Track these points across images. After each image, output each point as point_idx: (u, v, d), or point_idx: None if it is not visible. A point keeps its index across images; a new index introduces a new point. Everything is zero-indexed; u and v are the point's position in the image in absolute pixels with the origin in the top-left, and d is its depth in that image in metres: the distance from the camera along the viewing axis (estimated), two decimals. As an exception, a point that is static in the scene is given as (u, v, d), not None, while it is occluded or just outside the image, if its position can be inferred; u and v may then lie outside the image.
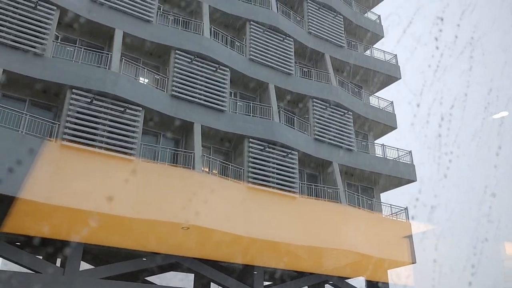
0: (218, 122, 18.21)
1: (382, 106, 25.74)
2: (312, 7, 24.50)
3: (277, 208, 17.75)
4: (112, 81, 15.87)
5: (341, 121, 22.07)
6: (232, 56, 19.99)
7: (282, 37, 21.99)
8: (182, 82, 17.87)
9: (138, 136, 15.74)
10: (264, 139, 18.74)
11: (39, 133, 14.48)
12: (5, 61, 14.37)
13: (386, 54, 27.22)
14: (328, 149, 21.04)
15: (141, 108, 16.17)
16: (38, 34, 15.22)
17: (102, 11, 17.18)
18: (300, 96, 21.85)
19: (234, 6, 21.41)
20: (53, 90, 15.44)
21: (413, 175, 23.40)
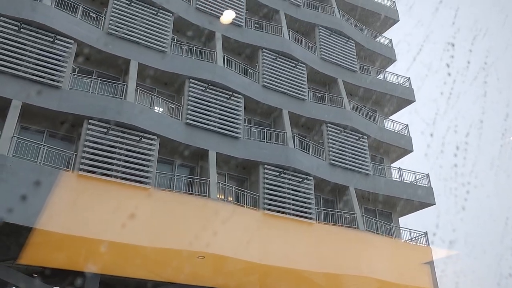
0: (233, 149, 18.25)
1: (397, 129, 25.56)
2: (324, 33, 24.73)
3: (293, 235, 17.53)
4: (128, 111, 16.10)
5: (356, 145, 21.94)
6: (245, 83, 20.18)
7: (295, 63, 22.17)
8: (196, 110, 18.05)
9: (154, 165, 15.84)
10: (279, 165, 18.69)
11: (57, 163, 14.67)
12: (24, 94, 14.71)
13: (399, 77, 27.19)
14: (344, 174, 20.87)
15: (156, 136, 16.32)
16: (56, 67, 15.61)
17: (118, 43, 17.58)
18: (314, 121, 21.85)
19: (246, 35, 21.74)
20: (70, 121, 15.69)
21: (432, 198, 23.00)
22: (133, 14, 18.37)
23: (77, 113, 15.40)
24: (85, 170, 14.49)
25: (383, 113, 26.68)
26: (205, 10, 20.71)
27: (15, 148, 14.22)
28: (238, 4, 22.00)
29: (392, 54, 27.89)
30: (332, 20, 25.37)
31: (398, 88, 26.42)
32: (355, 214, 19.83)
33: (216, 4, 21.18)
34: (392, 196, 22.14)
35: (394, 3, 29.91)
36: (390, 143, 24.26)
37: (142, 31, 18.22)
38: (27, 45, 15.39)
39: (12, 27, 15.32)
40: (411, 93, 26.64)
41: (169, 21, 19.21)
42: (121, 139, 15.55)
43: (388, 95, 25.89)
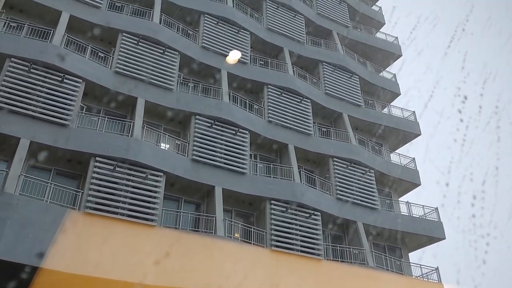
0: (239, 185, 18.18)
1: (404, 163, 25.44)
2: (328, 69, 25.04)
3: (301, 273, 17.20)
4: (134, 148, 16.19)
5: (363, 180, 21.79)
6: (251, 119, 20.31)
7: (300, 99, 22.36)
8: (202, 146, 18.11)
9: (160, 202, 15.77)
10: (286, 200, 18.55)
11: (63, 201, 14.65)
12: (32, 133, 14.86)
13: (404, 111, 27.30)
14: (352, 209, 20.65)
15: (162, 173, 16.32)
16: (64, 106, 15.83)
17: (125, 82, 17.86)
18: (320, 155, 21.83)
19: (251, 71, 22.06)
20: (77, 159, 15.78)
21: (442, 233, 22.60)
22: (140, 53, 18.74)
23: (84, 151, 15.50)
24: (92, 208, 14.45)
25: (389, 146, 26.65)
26: (210, 48, 21.10)
27: (22, 187, 14.25)
28: (243, 42, 22.43)
29: (396, 88, 28.10)
30: (336, 56, 25.75)
31: (403, 122, 26.49)
32: (364, 250, 19.50)
33: (221, 42, 21.61)
34: (401, 230, 21.80)
35: (397, 38, 30.40)
36: (397, 177, 24.08)
37: (149, 69, 18.54)
38: (37, 84, 15.67)
39: (22, 67, 15.65)
40: (416, 127, 26.66)
41: (176, 59, 19.57)
42: (127, 176, 15.56)
43: (394, 129, 25.92)
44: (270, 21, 24.53)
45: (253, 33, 23.19)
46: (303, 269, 17.34)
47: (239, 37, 22.39)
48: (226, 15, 22.36)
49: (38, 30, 17.32)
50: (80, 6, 18.46)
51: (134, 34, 18.94)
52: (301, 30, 25.53)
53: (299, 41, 25.00)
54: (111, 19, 19.00)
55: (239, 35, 22.43)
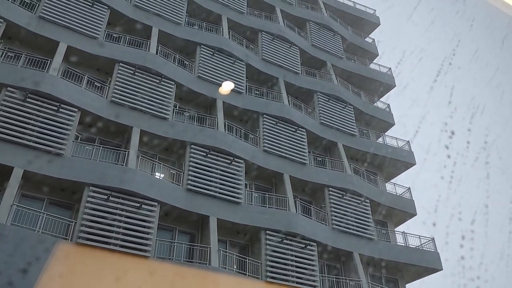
0: (234, 215, 18.03)
1: (399, 192, 25.39)
2: (322, 98, 25.27)
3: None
4: (129, 177, 16.09)
5: (359, 209, 21.68)
6: (247, 148, 20.33)
7: (295, 128, 22.46)
8: (197, 176, 18.03)
9: (154, 232, 15.57)
10: (281, 230, 18.36)
11: (55, 231, 14.44)
12: (26, 162, 14.78)
13: (398, 141, 27.43)
14: (348, 239, 20.45)
15: (156, 203, 16.18)
16: (59, 135, 15.80)
17: (121, 111, 17.90)
18: (315, 185, 21.76)
19: (247, 101, 22.21)
20: (71, 188, 15.64)
21: (439, 264, 22.35)
22: (136, 83, 18.88)
23: (78, 180, 15.38)
24: (84, 238, 14.23)
25: (384, 176, 26.64)
26: (206, 78, 21.31)
27: (14, 216, 14.07)
28: (238, 72, 22.68)
29: (390, 118, 28.32)
30: (330, 86, 26.03)
31: (398, 151, 26.57)
32: (361, 281, 19.21)
33: (217, 73, 21.84)
34: (398, 261, 21.55)
35: (390, 69, 30.86)
36: (393, 207, 23.98)
37: (145, 99, 18.64)
38: (32, 113, 15.68)
39: (18, 96, 15.69)
40: (411, 156, 26.73)
41: (172, 90, 19.71)
42: (121, 206, 15.41)
43: (389, 158, 25.97)
44: (265, 52, 24.89)
45: (248, 64, 23.48)
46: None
47: (235, 68, 22.65)
48: (222, 46, 22.68)
49: (36, 60, 17.46)
50: (77, 37, 18.67)
51: (130, 64, 19.12)
52: (296, 60, 25.89)
53: (294, 72, 25.31)
54: (108, 50, 19.21)
55: (235, 66, 22.69)
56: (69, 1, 19.14)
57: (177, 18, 22.37)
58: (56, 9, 18.59)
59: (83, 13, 19.22)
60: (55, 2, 18.74)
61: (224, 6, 25.06)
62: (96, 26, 19.35)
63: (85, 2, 19.56)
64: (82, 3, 19.45)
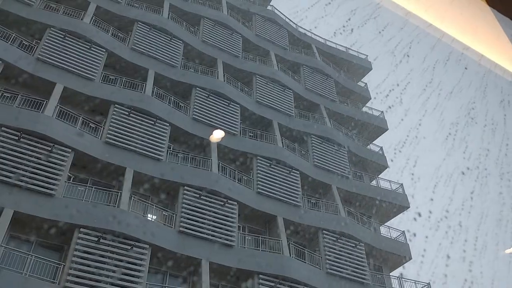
0: (227, 258, 17.71)
1: (394, 236, 25.15)
2: (316, 141, 25.43)
3: None
4: (120, 219, 15.88)
5: (353, 253, 21.38)
6: (240, 190, 20.22)
7: (289, 170, 22.46)
8: (190, 218, 17.83)
9: (144, 276, 15.22)
10: (274, 274, 18.00)
11: (44, 274, 14.07)
12: (15, 203, 14.57)
13: (392, 184, 27.44)
14: (342, 284, 20.05)
15: (148, 245, 15.89)
16: (51, 176, 15.68)
17: (115, 152, 17.89)
18: (309, 227, 21.53)
19: (241, 143, 22.31)
20: (61, 230, 15.32)
21: (435, 310, 21.90)
22: (131, 124, 18.97)
23: (69, 222, 15.14)
24: (73, 282, 13.85)
25: (379, 219, 26.46)
26: (201, 120, 21.46)
27: (2, 258, 13.71)
28: (233, 114, 22.89)
29: (383, 161, 28.45)
30: (324, 129, 26.27)
31: (391, 194, 26.53)
32: (356, 328, 18.69)
33: (212, 115, 22.03)
34: (394, 307, 21.09)
35: (382, 113, 31.28)
36: (388, 251, 23.69)
37: (139, 140, 18.67)
38: (25, 154, 15.60)
39: (12, 136, 15.67)
40: (404, 199, 26.67)
41: (166, 131, 19.79)
42: (112, 248, 15.11)
43: (383, 201, 25.89)
44: (259, 94, 25.24)
45: (243, 106, 23.74)
46: None
47: (229, 110, 22.87)
48: (217, 89, 23.00)
49: (31, 101, 17.57)
50: (74, 78, 18.88)
51: (126, 106, 19.27)
52: (290, 103, 26.23)
53: (288, 114, 25.59)
54: (104, 91, 19.40)
55: (229, 108, 22.93)
56: (68, 43, 19.50)
57: (173, 61, 22.77)
58: (54, 51, 18.91)
59: (80, 55, 19.54)
60: (53, 44, 19.08)
61: (220, 49, 25.60)
62: (93, 67, 19.63)
63: (83, 44, 19.92)
64: (80, 45, 19.81)
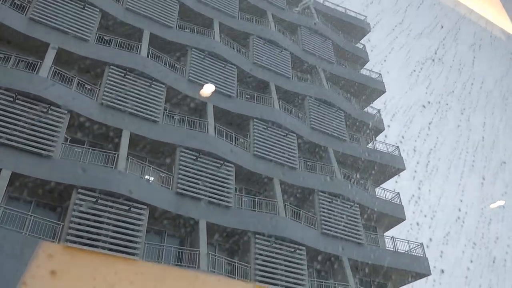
0: (224, 219, 18.01)
1: (388, 197, 25.53)
2: (313, 103, 25.37)
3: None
4: (118, 180, 16.03)
5: (348, 214, 21.75)
6: (236, 152, 20.33)
7: (285, 133, 22.51)
8: (187, 179, 18.00)
9: (142, 236, 15.51)
10: (271, 234, 18.37)
11: (43, 234, 14.33)
12: (13, 164, 14.67)
13: (388, 146, 27.60)
14: (337, 243, 20.49)
15: (146, 206, 16.12)
16: (48, 137, 15.70)
17: (111, 114, 17.85)
18: (305, 189, 21.81)
19: (238, 105, 22.25)
20: (59, 191, 15.52)
21: (427, 269, 22.50)
22: (127, 85, 18.83)
23: (67, 183, 15.29)
24: (72, 241, 14.14)
25: (374, 181, 26.77)
26: (197, 82, 21.31)
27: (1, 218, 13.93)
28: (229, 76, 22.72)
29: (380, 123, 28.49)
30: (321, 91, 26.15)
31: (387, 156, 26.73)
32: (349, 286, 19.26)
33: (208, 76, 21.85)
34: (387, 266, 21.63)
35: (380, 75, 31.07)
36: (382, 212, 24.10)
37: (135, 101, 18.60)
38: (21, 115, 15.57)
39: (7, 97, 15.59)
40: (400, 161, 26.91)
41: (162, 92, 19.68)
42: (110, 209, 15.33)
43: (378, 163, 26.11)
44: (256, 56, 24.95)
45: (239, 67, 23.52)
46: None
47: (225, 71, 22.68)
48: (213, 50, 22.71)
49: (25, 62, 17.36)
50: (68, 39, 18.59)
51: (121, 67, 19.08)
52: (287, 65, 25.98)
53: (285, 76, 25.40)
54: (99, 52, 19.15)
55: (226, 69, 22.72)
56: (60, 3, 19.08)
57: (168, 21, 22.37)
58: (47, 11, 18.52)
59: (74, 15, 19.16)
60: (46, 4, 18.66)
61: (216, 10, 25.10)
62: (87, 28, 19.30)
63: (76, 4, 19.50)
64: (73, 5, 19.39)
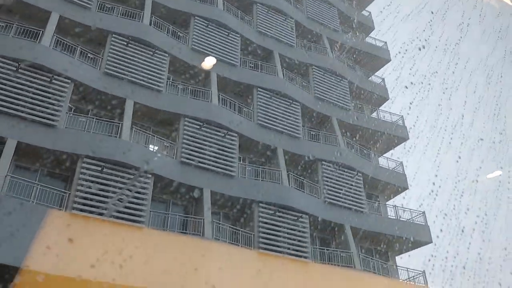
0: (228, 188, 18.19)
1: (391, 167, 25.63)
2: (318, 72, 25.17)
3: (289, 275, 17.23)
4: (123, 149, 16.14)
5: (351, 183, 21.91)
6: (240, 122, 20.34)
7: (289, 102, 22.44)
8: (191, 149, 18.10)
9: (148, 204, 15.74)
10: (274, 203, 18.59)
11: (50, 202, 14.57)
12: (19, 133, 14.77)
13: (392, 116, 27.51)
14: (340, 212, 20.75)
15: (150, 175, 16.29)
16: (52, 107, 15.74)
17: (114, 83, 17.81)
18: (309, 159, 21.89)
19: (242, 74, 22.11)
20: (64, 160, 15.67)
21: (428, 236, 22.80)
22: (130, 54, 18.71)
23: (72, 152, 15.42)
24: (78, 209, 14.37)
25: (377, 150, 26.82)
26: (200, 51, 21.12)
27: (9, 187, 14.14)
28: (233, 44, 22.48)
29: (385, 92, 28.32)
30: (326, 60, 25.90)
31: (391, 126, 26.67)
32: (351, 253, 19.60)
33: (211, 45, 21.64)
34: (388, 234, 21.94)
35: (385, 43, 30.65)
36: (385, 181, 24.25)
37: (138, 71, 18.52)
38: (24, 84, 15.56)
39: (10, 67, 15.55)
40: (404, 131, 26.89)
41: (165, 61, 19.56)
42: (115, 178, 15.51)
43: (382, 133, 26.10)
44: (260, 24, 24.61)
45: (243, 36, 23.25)
46: (291, 271, 17.38)
47: (229, 40, 22.43)
48: (216, 18, 22.41)
49: (27, 30, 17.23)
50: (69, 7, 18.38)
51: (123, 36, 18.90)
52: (291, 33, 25.64)
53: (289, 45, 25.11)
54: (101, 20, 18.94)
55: (229, 38, 22.47)
56: (61, -31, 18.73)
57: (171, -12, 21.98)
58: (47, -22, 18.21)
59: (74, -18, 18.86)
60: (46, -30, 18.33)
61: (219, -24, 24.60)
62: (88, -5, 19.02)
63: (77, -29, 19.15)
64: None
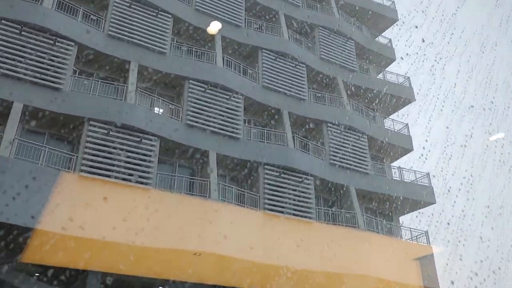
0: (233, 150, 18.33)
1: (397, 129, 25.60)
2: (323, 33, 24.78)
3: (294, 235, 17.60)
4: (128, 112, 16.20)
5: (356, 145, 21.98)
6: (245, 84, 20.25)
7: (294, 64, 22.23)
8: (196, 111, 18.13)
9: (154, 166, 15.93)
10: (279, 165, 18.76)
11: (58, 165, 14.78)
12: (25, 96, 14.83)
13: (399, 77, 27.23)
14: (344, 174, 20.92)
15: (156, 137, 16.41)
16: (56, 69, 15.71)
17: (118, 45, 17.67)
18: (314, 121, 21.91)
19: (246, 35, 21.80)
20: (71, 123, 15.79)
21: (432, 197, 23.04)
22: (133, 16, 18.46)
23: (78, 115, 15.51)
24: (86, 171, 14.60)
25: (383, 112, 26.72)
26: (204, 11, 20.79)
27: (17, 150, 14.33)
28: (237, 5, 22.07)
29: (391, 53, 27.92)
30: (331, 20, 25.43)
31: (398, 88, 26.46)
32: (355, 214, 19.89)
33: (215, 5, 21.26)
34: (392, 195, 22.18)
35: (393, 3, 29.94)
36: (390, 142, 24.29)
37: (142, 32, 18.32)
38: (28, 47, 15.48)
39: (13, 30, 15.44)
40: (411, 92, 26.67)
41: (169, 23, 19.30)
42: (121, 140, 15.65)
43: (388, 95, 25.93)
44: (265, -17, 24.01)
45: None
46: (295, 231, 17.75)
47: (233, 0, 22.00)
48: (220, -23, 21.89)
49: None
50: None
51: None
52: (297, -7, 25.07)
53: (295, 4, 24.62)
54: (103, -19, 18.59)
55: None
56: None
57: None
58: None
59: None
60: None
61: None
62: (89, -45, 18.60)
63: None
64: None
